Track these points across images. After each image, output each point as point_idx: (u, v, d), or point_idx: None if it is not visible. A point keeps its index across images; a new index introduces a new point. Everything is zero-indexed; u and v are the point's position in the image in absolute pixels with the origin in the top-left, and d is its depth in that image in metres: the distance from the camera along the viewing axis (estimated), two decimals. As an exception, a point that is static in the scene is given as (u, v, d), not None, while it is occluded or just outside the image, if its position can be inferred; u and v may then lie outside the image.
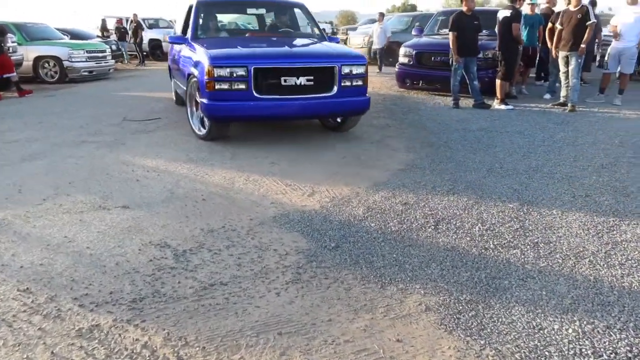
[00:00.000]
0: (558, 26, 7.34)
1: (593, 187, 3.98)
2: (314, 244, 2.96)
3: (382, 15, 14.05)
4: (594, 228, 3.19)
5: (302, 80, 4.94)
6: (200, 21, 6.24)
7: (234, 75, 4.78)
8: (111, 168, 4.51)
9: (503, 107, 7.61)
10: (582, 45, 7.13)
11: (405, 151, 5.15)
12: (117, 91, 10.33)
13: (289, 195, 3.81)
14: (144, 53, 18.10)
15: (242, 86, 4.80)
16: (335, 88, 5.09)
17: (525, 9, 8.41)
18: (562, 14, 7.31)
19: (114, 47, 15.42)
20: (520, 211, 3.45)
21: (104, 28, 18.32)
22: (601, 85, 8.20)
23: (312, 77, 4.98)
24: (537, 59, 9.43)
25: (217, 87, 4.77)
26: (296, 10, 7.09)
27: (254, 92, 4.83)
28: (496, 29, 7.85)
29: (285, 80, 4.91)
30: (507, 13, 7.49)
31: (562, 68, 7.56)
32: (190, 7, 6.50)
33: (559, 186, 4.00)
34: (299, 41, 6.31)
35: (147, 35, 18.92)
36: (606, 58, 8.04)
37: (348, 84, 5.15)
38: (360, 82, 5.24)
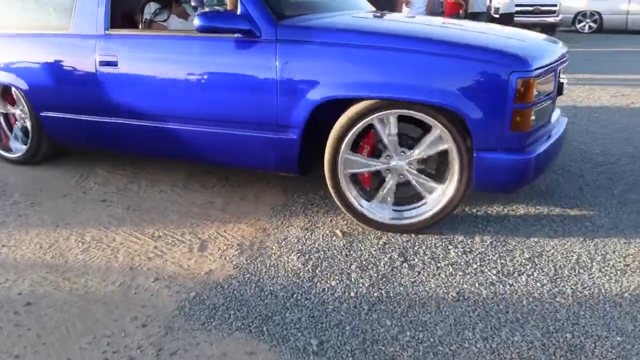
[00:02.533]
0: None
1: None
2: (284, 348, 1.84)
3: None
4: None
5: None
6: None
7: (546, 91, 2.54)
8: None
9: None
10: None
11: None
12: None
13: (171, 258, 2.47)
14: None
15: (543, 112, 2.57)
16: None
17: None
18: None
19: None
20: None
21: None
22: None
23: None
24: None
25: (533, 118, 2.42)
26: None
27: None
28: None
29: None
30: None
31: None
32: None
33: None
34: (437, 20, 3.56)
35: None
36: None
37: None
38: None
